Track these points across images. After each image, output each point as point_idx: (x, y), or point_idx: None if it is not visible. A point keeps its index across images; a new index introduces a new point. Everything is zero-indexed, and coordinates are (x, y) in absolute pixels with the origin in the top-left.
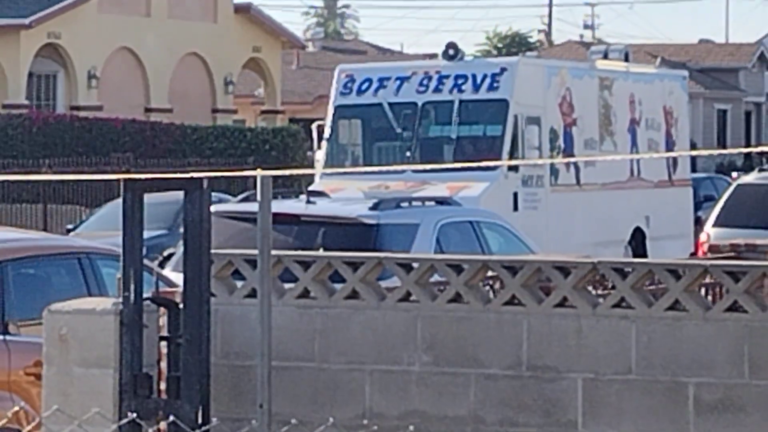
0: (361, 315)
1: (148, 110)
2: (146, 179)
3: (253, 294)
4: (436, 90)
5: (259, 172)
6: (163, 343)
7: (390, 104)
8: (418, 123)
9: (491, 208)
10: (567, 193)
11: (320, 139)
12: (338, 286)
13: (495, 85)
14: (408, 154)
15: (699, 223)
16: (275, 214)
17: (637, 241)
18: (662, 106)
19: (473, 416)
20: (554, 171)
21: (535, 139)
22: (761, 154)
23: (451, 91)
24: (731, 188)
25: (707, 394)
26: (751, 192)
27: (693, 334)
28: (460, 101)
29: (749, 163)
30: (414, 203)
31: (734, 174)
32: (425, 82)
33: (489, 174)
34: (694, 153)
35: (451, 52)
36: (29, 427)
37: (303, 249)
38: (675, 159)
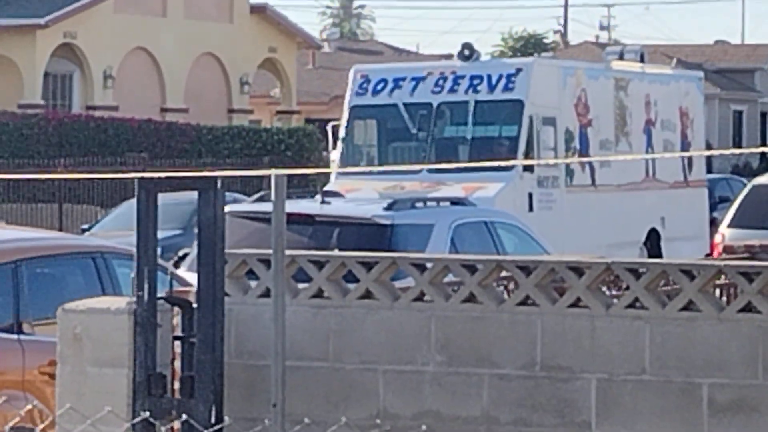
0: (375, 315)
1: (163, 110)
2: (160, 179)
3: (267, 294)
4: (452, 90)
5: (273, 172)
6: (177, 343)
7: (405, 105)
8: (433, 123)
9: (506, 209)
10: (582, 193)
11: (335, 139)
12: (352, 286)
13: (510, 85)
14: (423, 154)
15: (714, 224)
16: (290, 214)
17: (653, 242)
18: (678, 107)
19: (487, 416)
20: (569, 172)
21: (550, 139)
22: None
23: (466, 92)
24: (747, 189)
25: (721, 394)
26: (767, 193)
27: (707, 334)
28: (476, 102)
29: (765, 164)
30: (429, 204)
31: None
32: (440, 82)
33: (504, 174)
34: (709, 153)
35: (466, 52)
36: (42, 426)
37: (317, 249)
38: (690, 160)
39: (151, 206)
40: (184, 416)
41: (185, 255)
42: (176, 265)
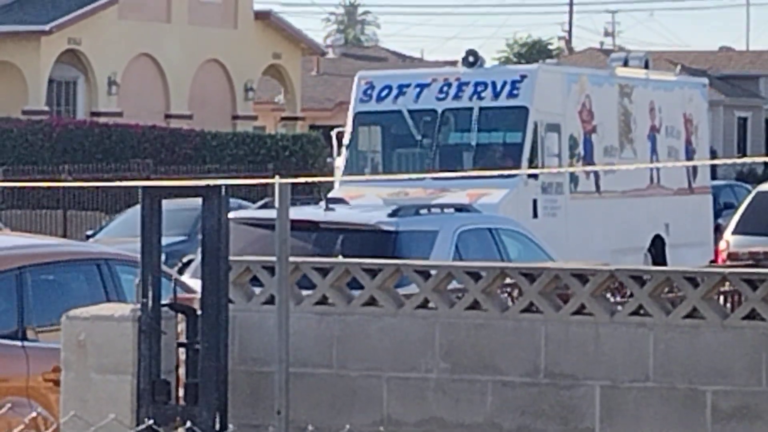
0: (379, 322)
1: (168, 116)
2: (164, 186)
3: (271, 301)
4: (456, 97)
5: (277, 180)
6: (181, 350)
7: (410, 111)
8: (437, 130)
9: (511, 215)
10: (586, 200)
11: (340, 146)
12: (356, 292)
13: (515, 92)
14: (428, 161)
15: (719, 231)
16: (294, 221)
17: (657, 249)
18: (682, 113)
19: (490, 423)
20: (574, 178)
21: (554, 146)
22: None
23: (470, 98)
24: (751, 196)
25: (725, 401)
26: None
27: (711, 341)
28: (480, 108)
29: None
30: (433, 210)
31: None
32: (445, 89)
33: (509, 181)
34: (714, 162)
35: (471, 59)
36: None
37: (322, 256)
38: (695, 166)
39: (156, 213)
40: (189, 423)
41: (189, 261)
42: (180, 271)
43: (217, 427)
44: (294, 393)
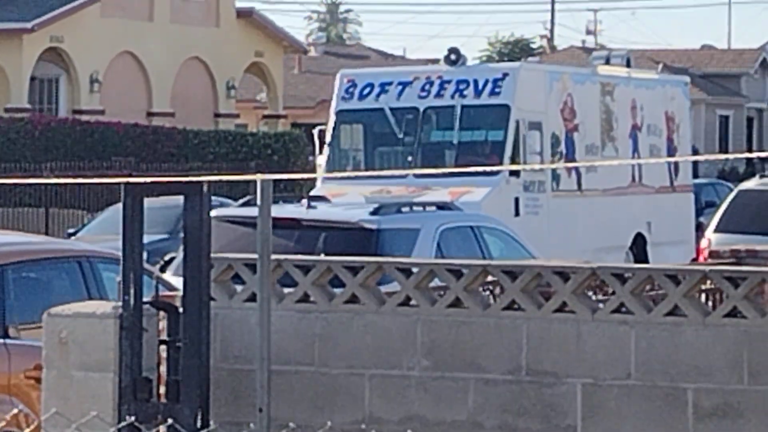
0: (361, 319)
1: (150, 114)
2: (146, 183)
3: (252, 298)
4: (438, 95)
5: (258, 177)
6: (163, 347)
7: (392, 109)
8: (419, 128)
9: (493, 213)
10: (568, 198)
11: (322, 144)
12: (338, 290)
13: (497, 90)
14: (410, 159)
15: (700, 229)
16: (276, 219)
17: (639, 247)
18: (664, 111)
19: (472, 421)
20: (556, 176)
21: (536, 144)
22: (763, 160)
23: (452, 97)
24: (733, 194)
25: (706, 399)
26: (753, 198)
27: (692, 339)
28: (462, 106)
29: (751, 169)
30: (415, 208)
31: None
32: (427, 87)
33: (490, 179)
34: (695, 159)
35: (453, 57)
36: (28, 430)
37: (304, 254)
38: (676, 164)
39: (137, 211)
40: (170, 420)
41: (171, 259)
42: (162, 269)
43: (199, 424)
44: (275, 391)
